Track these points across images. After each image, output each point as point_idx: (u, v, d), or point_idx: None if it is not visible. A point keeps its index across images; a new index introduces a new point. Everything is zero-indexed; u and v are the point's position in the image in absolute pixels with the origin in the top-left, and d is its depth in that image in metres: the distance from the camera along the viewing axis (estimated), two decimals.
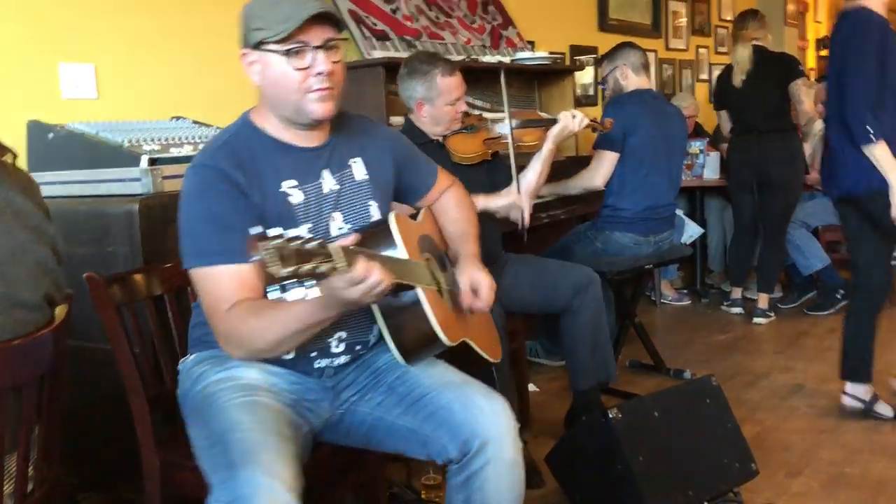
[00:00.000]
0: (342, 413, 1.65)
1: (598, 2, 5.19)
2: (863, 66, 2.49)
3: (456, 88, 2.62)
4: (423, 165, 1.86)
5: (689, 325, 4.23)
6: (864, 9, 2.56)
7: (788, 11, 7.30)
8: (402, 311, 1.53)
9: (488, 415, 1.53)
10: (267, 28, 1.46)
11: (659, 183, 3.26)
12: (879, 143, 2.47)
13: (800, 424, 2.81)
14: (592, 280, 2.68)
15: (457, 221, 1.88)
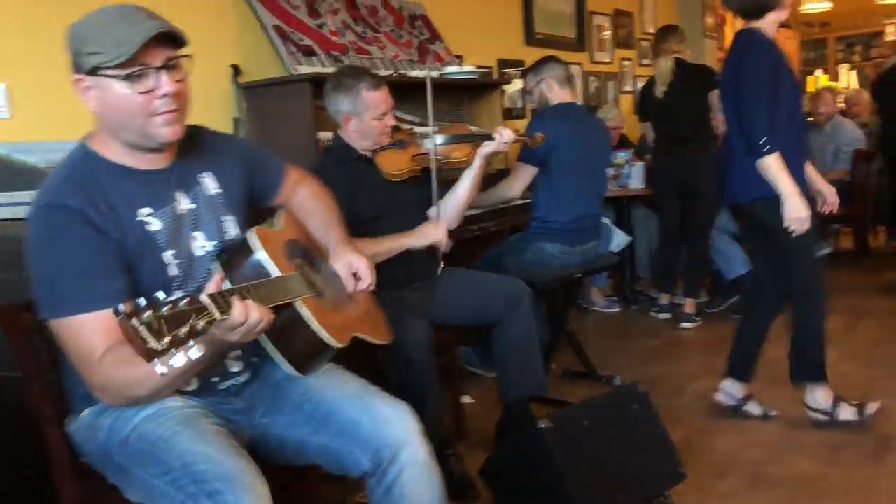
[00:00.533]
0: (261, 434, 1.65)
1: (525, 16, 5.27)
2: (758, 83, 2.60)
3: (383, 102, 2.62)
4: (272, 162, 1.83)
5: (620, 332, 4.32)
6: (755, 30, 2.69)
7: (707, 24, 7.54)
8: (287, 328, 1.53)
9: (394, 422, 1.58)
10: (103, 52, 1.39)
11: (585, 194, 3.33)
12: (772, 155, 2.57)
13: (725, 426, 2.89)
14: (524, 293, 2.71)
15: (316, 213, 1.85)
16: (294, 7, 3.42)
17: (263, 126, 3.19)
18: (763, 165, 2.60)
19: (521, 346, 2.69)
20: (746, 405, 2.96)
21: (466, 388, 3.30)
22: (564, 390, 3.34)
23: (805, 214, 2.59)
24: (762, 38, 2.68)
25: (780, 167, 2.59)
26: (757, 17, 2.70)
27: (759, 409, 2.95)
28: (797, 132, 2.74)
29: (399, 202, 2.69)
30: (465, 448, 2.76)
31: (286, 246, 1.67)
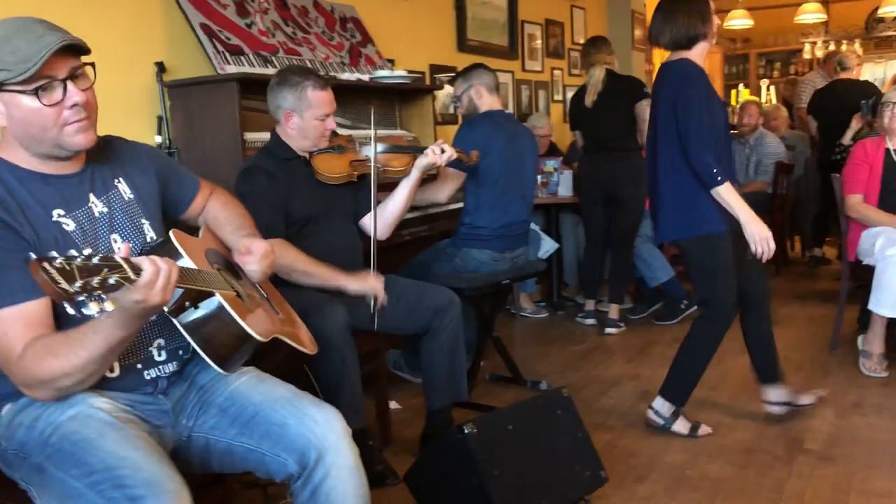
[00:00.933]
0: (185, 439, 1.63)
1: (457, 23, 5.30)
2: (700, 115, 2.61)
3: (327, 104, 2.61)
4: (185, 176, 1.87)
5: (547, 337, 4.37)
6: (687, 60, 2.71)
7: (636, 37, 7.71)
8: (207, 321, 1.54)
9: (322, 424, 1.57)
10: (6, 69, 1.39)
11: (513, 201, 3.37)
12: (725, 184, 2.60)
13: (646, 431, 2.95)
14: (452, 301, 2.73)
15: (229, 219, 1.88)
16: (222, 5, 3.36)
17: (188, 125, 3.12)
18: (719, 194, 2.61)
19: (447, 354, 2.71)
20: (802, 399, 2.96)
21: (394, 394, 3.29)
22: (491, 395, 3.37)
23: (768, 234, 2.63)
24: (696, 68, 2.70)
25: (733, 193, 2.62)
26: (687, 48, 2.72)
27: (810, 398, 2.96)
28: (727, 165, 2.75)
29: (332, 206, 2.68)
30: (392, 453, 2.75)
31: (207, 252, 1.70)
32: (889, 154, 3.54)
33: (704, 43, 2.72)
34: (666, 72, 2.76)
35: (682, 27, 2.69)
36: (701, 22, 2.68)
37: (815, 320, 4.40)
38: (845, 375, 3.46)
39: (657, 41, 2.79)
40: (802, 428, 2.90)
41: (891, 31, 9.07)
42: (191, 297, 1.50)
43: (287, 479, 1.58)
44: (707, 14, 2.70)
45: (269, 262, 1.78)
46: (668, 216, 2.77)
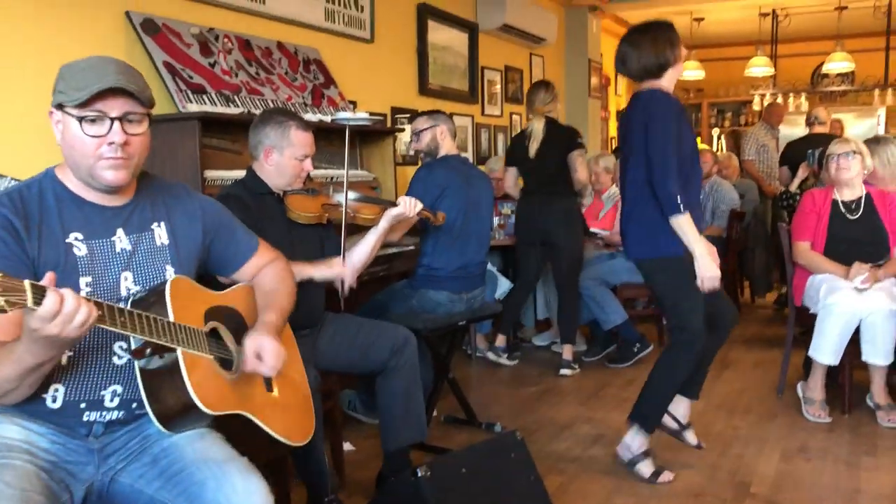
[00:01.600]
0: (107, 481, 1.60)
1: (419, 67, 5.40)
2: (666, 142, 2.65)
3: (308, 146, 2.66)
4: (242, 237, 1.87)
5: (502, 379, 4.40)
6: (658, 89, 2.76)
7: (592, 85, 7.93)
8: (162, 375, 1.52)
9: (240, 494, 1.52)
10: (66, 92, 1.52)
11: (470, 243, 3.43)
12: (685, 214, 2.66)
13: (598, 474, 2.98)
14: (409, 341, 2.74)
15: (272, 294, 1.87)
16: (186, 44, 3.39)
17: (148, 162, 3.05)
18: (678, 223, 2.66)
19: (404, 394, 2.71)
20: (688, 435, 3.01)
21: (348, 435, 3.27)
22: (446, 436, 3.37)
23: (717, 273, 2.68)
24: (667, 96, 2.74)
25: (691, 226, 2.67)
26: (657, 76, 2.76)
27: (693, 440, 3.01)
28: (696, 191, 2.82)
29: (299, 245, 2.70)
30: (345, 496, 2.73)
31: (212, 307, 1.67)
32: (836, 204, 3.68)
33: (673, 71, 2.76)
34: (638, 99, 2.79)
35: (651, 55, 2.73)
36: (669, 48, 2.73)
37: (763, 364, 4.51)
38: (791, 419, 3.54)
39: (626, 71, 2.83)
40: (749, 472, 2.96)
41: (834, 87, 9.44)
42: (153, 346, 1.49)
43: None
44: (674, 40, 2.76)
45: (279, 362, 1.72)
46: (633, 236, 2.83)
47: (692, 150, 2.80)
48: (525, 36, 6.64)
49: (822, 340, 3.45)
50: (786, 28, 9.00)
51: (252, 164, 2.71)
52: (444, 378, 3.49)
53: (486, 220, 3.63)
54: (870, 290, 3.41)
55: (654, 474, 2.87)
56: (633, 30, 2.84)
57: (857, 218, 3.63)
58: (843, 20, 8.57)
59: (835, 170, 3.66)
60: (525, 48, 6.99)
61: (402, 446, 2.74)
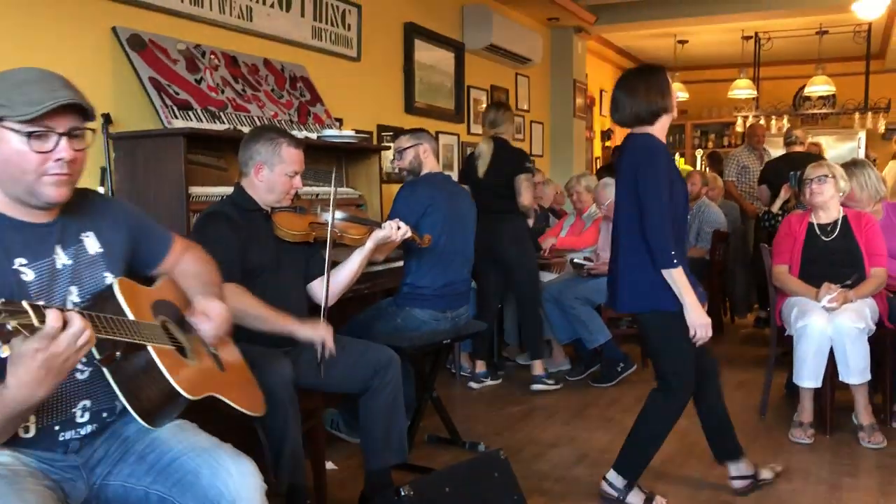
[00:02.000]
0: (100, 489, 1.61)
1: (405, 86, 5.42)
2: (659, 192, 2.61)
3: (298, 162, 2.67)
4: (158, 232, 1.90)
5: (486, 398, 4.39)
6: (650, 135, 2.71)
7: (577, 105, 7.99)
8: (137, 374, 1.54)
9: (235, 477, 1.58)
10: (10, 107, 1.46)
11: (454, 261, 3.44)
12: (678, 268, 2.63)
13: (581, 493, 2.98)
14: (392, 360, 2.74)
15: (198, 275, 1.90)
16: (172, 60, 3.39)
17: (132, 178, 3.11)
18: (671, 277, 2.63)
19: (387, 414, 2.71)
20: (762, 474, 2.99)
21: (330, 454, 3.25)
22: (430, 456, 3.36)
23: (707, 321, 2.67)
24: (659, 144, 2.70)
25: (683, 278, 2.63)
26: (650, 123, 2.71)
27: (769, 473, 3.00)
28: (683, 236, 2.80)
29: (285, 262, 2.70)
30: None
31: (155, 304, 1.71)
32: (812, 227, 3.72)
33: (666, 117, 2.73)
34: (629, 144, 2.76)
35: (643, 103, 2.69)
36: (661, 96, 2.70)
37: (745, 385, 4.52)
38: (774, 440, 3.56)
39: (619, 119, 2.78)
40: (731, 492, 2.96)
41: (816, 109, 9.57)
42: (121, 348, 1.51)
43: None
44: (667, 88, 2.72)
45: (225, 327, 1.79)
46: (626, 288, 2.76)
47: (682, 200, 2.77)
48: (511, 56, 6.69)
49: (801, 365, 3.48)
50: (768, 51, 9.13)
51: (241, 180, 2.71)
52: (428, 397, 3.48)
53: (470, 239, 3.64)
54: (839, 309, 3.43)
55: (647, 500, 2.83)
56: (626, 76, 2.81)
57: (831, 240, 3.67)
58: (823, 44, 8.71)
59: (809, 194, 3.71)
60: (511, 68, 7.04)
61: (383, 467, 2.73)
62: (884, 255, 3.61)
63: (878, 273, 3.57)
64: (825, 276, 3.57)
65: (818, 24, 8.35)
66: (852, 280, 3.53)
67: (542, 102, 7.79)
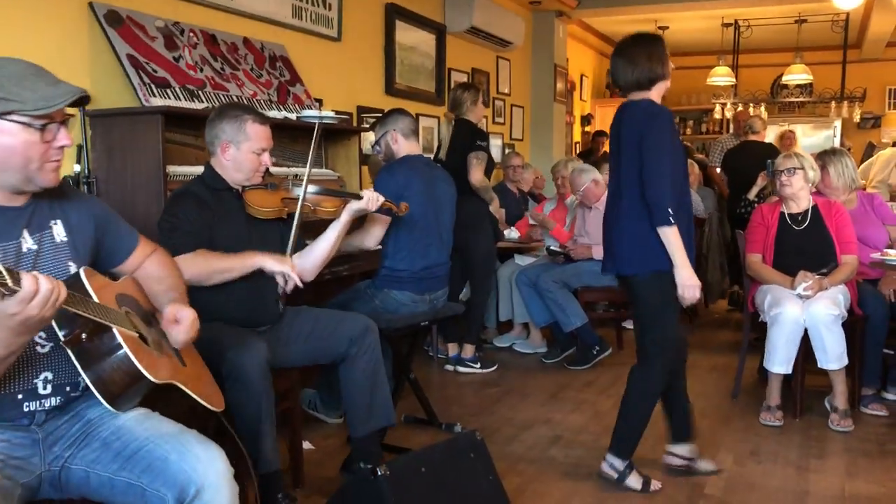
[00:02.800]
0: (58, 470, 1.64)
1: (386, 67, 5.40)
2: (662, 152, 2.66)
3: (265, 139, 2.64)
4: (125, 230, 1.94)
5: (462, 380, 4.42)
6: (650, 100, 2.76)
7: (558, 89, 8.00)
8: (101, 355, 1.58)
9: (203, 461, 1.61)
10: (21, 101, 1.54)
11: (432, 244, 3.44)
12: (674, 226, 2.66)
13: (556, 474, 3.02)
14: (369, 328, 2.75)
15: (163, 280, 1.95)
16: (150, 38, 3.35)
17: (109, 156, 3.08)
18: (665, 234, 2.66)
19: (368, 381, 2.72)
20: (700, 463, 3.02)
21: (307, 434, 3.27)
22: (406, 437, 3.38)
23: (697, 283, 2.70)
24: (660, 109, 2.75)
25: (678, 237, 2.66)
26: (648, 88, 2.77)
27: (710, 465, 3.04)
28: (686, 200, 2.82)
29: (259, 240, 2.69)
30: (304, 495, 2.73)
31: (119, 296, 1.74)
32: (783, 217, 3.77)
33: (663, 83, 2.79)
34: (628, 111, 2.79)
35: (645, 69, 2.75)
36: (660, 64, 2.78)
37: (718, 369, 4.59)
38: (745, 423, 3.62)
39: (619, 84, 2.85)
40: (703, 474, 3.02)
41: (793, 98, 9.66)
42: (87, 329, 1.55)
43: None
44: (664, 55, 2.80)
45: (194, 333, 1.86)
46: (625, 250, 2.80)
47: (681, 162, 2.81)
48: (492, 39, 6.68)
49: (773, 351, 3.54)
50: (747, 39, 9.19)
51: (210, 159, 2.69)
52: (406, 378, 3.50)
53: (448, 221, 3.63)
54: (813, 297, 3.49)
55: (645, 484, 2.87)
56: (625, 43, 2.84)
57: (803, 229, 3.72)
58: (802, 32, 8.77)
59: (779, 185, 3.76)
60: (492, 51, 7.03)
61: (370, 432, 2.75)
62: (854, 243, 3.67)
63: (849, 260, 3.64)
64: (798, 264, 3.62)
65: (797, 13, 8.42)
66: (828, 269, 3.59)
67: (522, 86, 7.79)
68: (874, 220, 4.04)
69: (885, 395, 3.89)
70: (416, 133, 3.60)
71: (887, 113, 10.50)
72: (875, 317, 3.71)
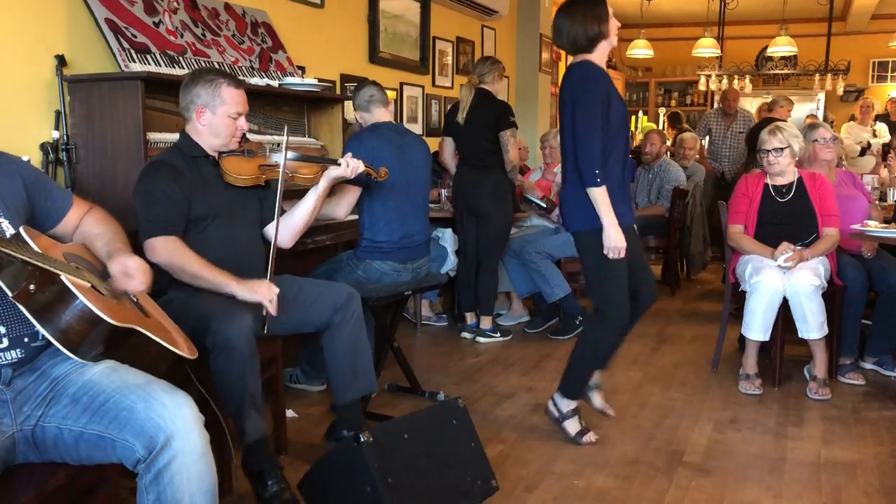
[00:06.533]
0: (30, 429, 1.64)
1: (370, 35, 5.34)
2: (591, 115, 2.72)
3: (240, 103, 2.61)
4: (57, 191, 1.93)
5: (446, 349, 4.44)
6: (588, 62, 2.80)
7: (543, 60, 7.95)
8: (54, 304, 1.57)
9: (171, 408, 1.60)
10: None
11: (408, 212, 3.43)
12: (602, 187, 2.74)
13: (537, 442, 3.05)
14: (352, 296, 2.75)
15: (102, 234, 1.93)
16: (130, 2, 3.29)
17: (88, 122, 3.04)
18: (593, 195, 2.74)
19: (350, 348, 2.73)
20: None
21: (290, 402, 3.28)
22: (389, 405, 3.40)
23: (622, 244, 2.76)
24: (595, 69, 2.79)
25: (605, 198, 2.74)
26: (588, 49, 2.81)
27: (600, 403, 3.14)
28: (622, 162, 2.87)
29: (236, 208, 2.66)
30: (288, 462, 2.74)
31: (66, 255, 1.73)
32: (767, 188, 3.79)
33: (604, 43, 2.81)
34: (567, 74, 2.84)
35: (580, 28, 2.78)
36: (598, 23, 2.78)
37: (699, 339, 4.64)
38: (724, 392, 3.67)
39: (560, 44, 2.89)
40: (682, 441, 3.06)
41: (777, 70, 9.66)
42: (35, 280, 1.54)
43: (135, 464, 1.60)
44: (604, 15, 2.80)
45: (147, 278, 1.83)
46: (567, 209, 2.90)
47: (620, 122, 2.84)
48: (477, 7, 6.61)
49: (751, 318, 3.58)
50: (733, 10, 9.15)
51: (185, 126, 2.65)
52: (389, 347, 3.51)
53: (424, 187, 3.60)
54: (794, 268, 3.52)
55: (580, 433, 2.98)
56: (564, 4, 2.87)
57: (786, 201, 3.75)
58: (788, 4, 8.76)
59: (766, 164, 3.76)
60: (477, 20, 6.97)
61: (353, 399, 2.76)
62: (836, 216, 3.70)
63: (830, 233, 3.67)
64: (780, 235, 3.65)
65: None
66: (810, 240, 3.62)
67: (507, 56, 7.73)
68: (855, 192, 4.08)
69: (863, 364, 3.94)
70: (384, 103, 3.57)
71: (871, 86, 10.54)
72: (854, 287, 3.75)
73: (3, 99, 2.86)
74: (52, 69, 3.02)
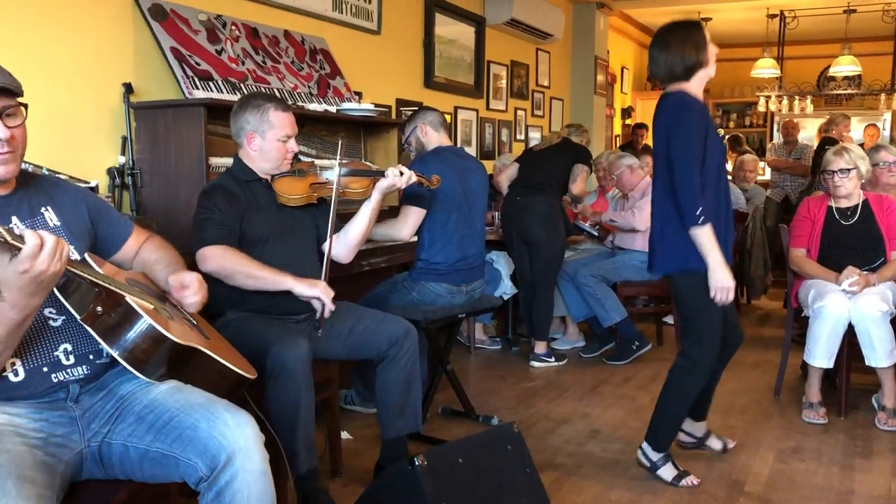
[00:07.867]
0: (97, 446, 1.67)
1: (425, 60, 5.40)
2: (688, 150, 2.57)
3: (289, 126, 2.65)
4: (117, 218, 1.99)
5: (500, 373, 4.42)
6: (684, 92, 2.66)
7: (598, 82, 7.92)
8: (122, 326, 1.62)
9: (233, 427, 1.63)
10: None
11: (466, 235, 3.44)
12: (706, 226, 2.57)
13: (593, 468, 3.00)
14: (409, 332, 2.74)
15: (161, 259, 1.99)
16: (193, 31, 3.39)
17: (153, 147, 3.13)
18: (696, 235, 2.59)
19: (403, 384, 2.73)
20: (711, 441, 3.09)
21: (346, 424, 3.29)
22: (443, 428, 3.39)
23: (730, 284, 2.62)
24: (693, 102, 2.64)
25: (711, 238, 2.58)
26: (685, 78, 2.67)
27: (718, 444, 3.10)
28: (724, 198, 2.71)
29: (290, 228, 2.70)
30: (342, 484, 2.75)
31: (128, 279, 1.79)
32: (830, 211, 3.69)
33: (703, 72, 2.67)
34: (662, 103, 2.71)
35: (677, 57, 2.65)
36: (696, 50, 2.65)
37: (761, 365, 4.52)
38: (787, 420, 3.56)
39: (653, 73, 2.79)
40: (743, 470, 2.97)
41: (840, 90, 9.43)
42: (102, 302, 1.59)
43: (198, 482, 1.63)
44: (702, 42, 2.66)
45: (203, 291, 1.89)
46: (659, 249, 2.76)
47: (720, 156, 2.71)
48: (532, 31, 6.64)
49: (814, 344, 3.47)
50: (793, 30, 8.99)
51: (238, 152, 2.71)
52: (443, 370, 3.50)
53: (482, 211, 3.62)
54: (861, 293, 3.41)
55: (677, 477, 2.84)
56: (660, 31, 2.76)
57: (851, 224, 3.64)
58: (851, 23, 8.55)
59: (832, 186, 3.65)
60: (531, 43, 6.99)
61: (397, 436, 2.76)
62: None
63: None
64: (845, 259, 3.54)
65: (846, 3, 8.21)
66: (877, 265, 3.50)
67: (562, 79, 7.73)
68: None
69: None
70: (445, 125, 3.61)
71: None
72: None
73: (73, 125, 2.98)
74: (119, 96, 3.13)
